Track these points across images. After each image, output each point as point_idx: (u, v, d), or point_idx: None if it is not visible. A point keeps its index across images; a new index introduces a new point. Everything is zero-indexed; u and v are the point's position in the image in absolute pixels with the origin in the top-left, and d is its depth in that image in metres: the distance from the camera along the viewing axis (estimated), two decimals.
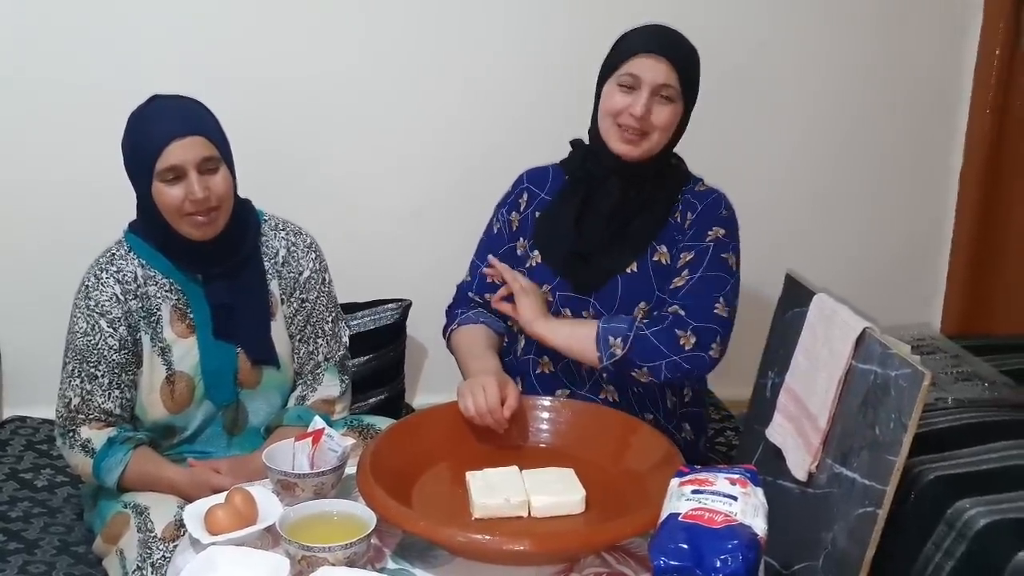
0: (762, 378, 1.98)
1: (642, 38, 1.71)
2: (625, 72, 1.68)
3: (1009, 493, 1.68)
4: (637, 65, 1.68)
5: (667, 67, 1.67)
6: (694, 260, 1.73)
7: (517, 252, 1.85)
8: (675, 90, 1.69)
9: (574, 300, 1.78)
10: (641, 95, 1.67)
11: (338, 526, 1.33)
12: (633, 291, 1.74)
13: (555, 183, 1.84)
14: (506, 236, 1.87)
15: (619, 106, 1.69)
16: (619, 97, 1.69)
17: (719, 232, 1.74)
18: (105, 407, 1.69)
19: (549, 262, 1.79)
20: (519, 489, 1.41)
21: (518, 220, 1.86)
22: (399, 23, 2.43)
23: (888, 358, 1.53)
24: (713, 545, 1.14)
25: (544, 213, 1.82)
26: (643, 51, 1.68)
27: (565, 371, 1.79)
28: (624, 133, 1.70)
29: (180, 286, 1.71)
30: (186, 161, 1.61)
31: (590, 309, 1.76)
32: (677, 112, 1.71)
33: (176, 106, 1.67)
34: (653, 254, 1.76)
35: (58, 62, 2.29)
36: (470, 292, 1.90)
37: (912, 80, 2.74)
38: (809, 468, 1.67)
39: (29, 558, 1.77)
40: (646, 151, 1.71)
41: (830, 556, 1.59)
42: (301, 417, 1.73)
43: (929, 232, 2.87)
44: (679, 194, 1.78)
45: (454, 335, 1.86)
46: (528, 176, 1.88)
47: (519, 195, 1.87)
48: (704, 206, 1.77)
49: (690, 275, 1.72)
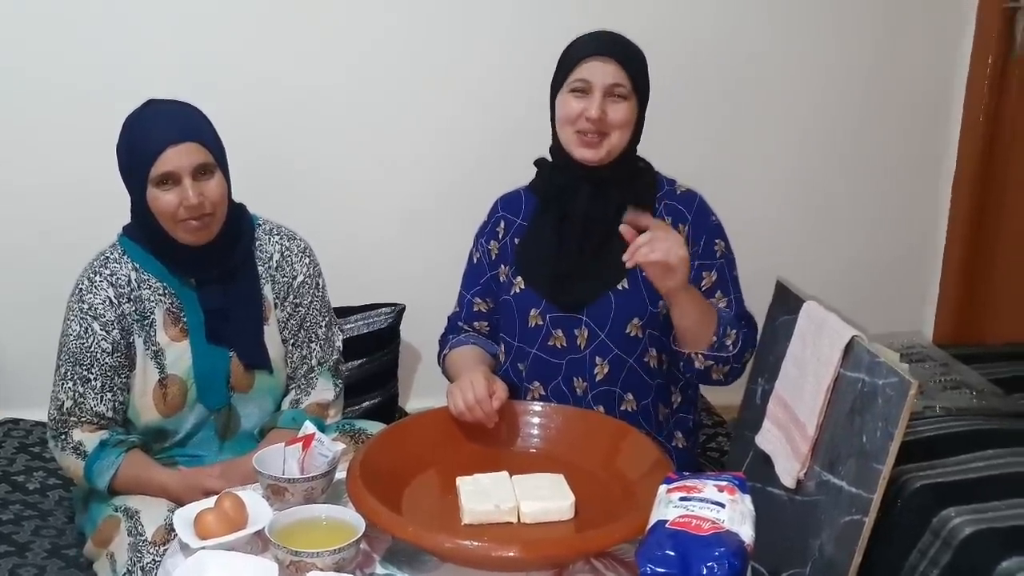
0: (752, 384, 1.98)
1: (588, 43, 1.73)
2: (575, 78, 1.70)
3: (994, 502, 1.69)
4: (586, 70, 1.69)
5: (615, 67, 1.68)
6: (719, 281, 1.76)
7: (500, 279, 1.85)
8: (626, 88, 1.70)
9: (565, 320, 1.76)
10: (594, 97, 1.68)
11: (327, 531, 1.34)
12: (626, 307, 1.74)
13: (528, 207, 1.84)
14: (487, 265, 1.87)
15: (575, 112, 1.70)
16: (574, 103, 1.70)
17: (721, 246, 1.78)
18: (97, 410, 1.69)
19: (533, 287, 1.79)
20: (509, 494, 1.42)
21: (497, 248, 1.86)
22: (394, 29, 2.44)
23: (876, 366, 1.54)
24: (700, 552, 1.14)
25: (523, 239, 1.82)
26: (590, 55, 1.69)
27: (556, 393, 1.79)
28: (583, 138, 1.71)
29: (174, 290, 1.72)
30: (180, 167, 1.62)
31: (583, 327, 1.76)
32: (632, 109, 1.71)
33: (171, 111, 1.67)
34: (641, 269, 1.73)
35: (55, 66, 2.30)
36: (460, 322, 1.91)
37: (905, 88, 2.75)
38: (797, 475, 1.67)
39: (20, 561, 1.77)
40: (608, 152, 1.71)
41: (817, 563, 1.59)
42: (295, 420, 1.74)
43: (921, 240, 2.89)
44: (655, 201, 1.78)
45: (447, 359, 1.88)
46: (502, 204, 1.89)
47: (495, 223, 1.87)
48: (693, 215, 1.77)
49: (725, 296, 1.76)
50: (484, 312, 1.89)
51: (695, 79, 2.57)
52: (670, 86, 2.54)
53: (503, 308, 1.84)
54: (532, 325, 1.79)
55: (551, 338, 1.78)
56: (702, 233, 1.77)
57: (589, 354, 1.76)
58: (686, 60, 2.52)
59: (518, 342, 1.81)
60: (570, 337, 1.76)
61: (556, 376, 1.78)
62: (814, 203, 2.78)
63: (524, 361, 1.81)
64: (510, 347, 1.83)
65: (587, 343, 1.76)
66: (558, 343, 1.77)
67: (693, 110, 2.59)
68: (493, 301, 1.88)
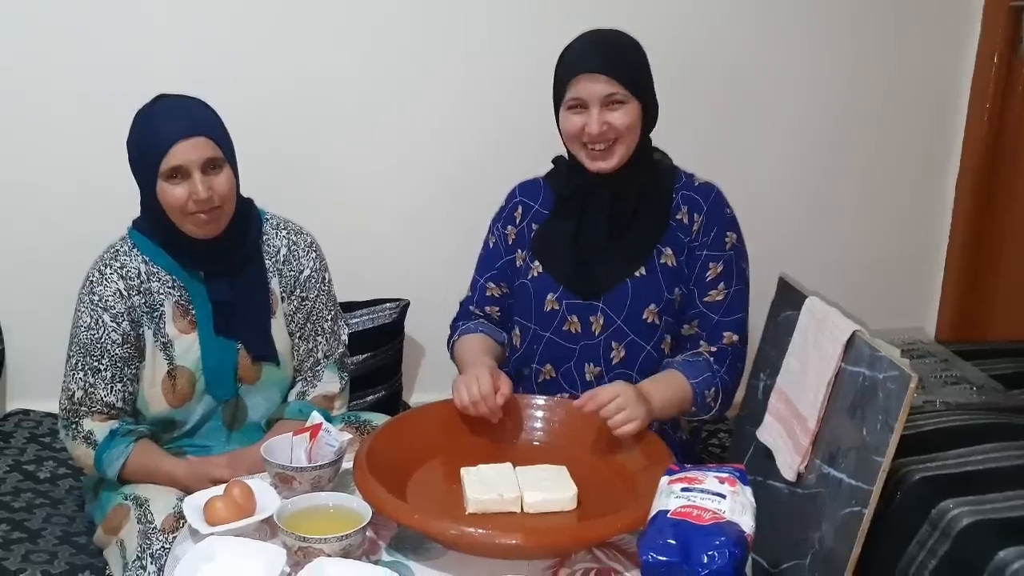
0: (754, 380, 2.00)
1: (575, 60, 1.72)
2: (570, 97, 1.71)
3: (991, 494, 1.71)
4: (578, 88, 1.69)
5: (605, 79, 1.68)
6: (724, 272, 1.77)
7: (517, 264, 1.86)
8: (622, 94, 1.69)
9: (581, 307, 1.78)
10: (592, 112, 1.69)
11: (334, 518, 1.36)
12: (643, 294, 1.76)
13: (547, 196, 1.86)
14: (503, 250, 1.89)
15: (577, 127, 1.71)
16: (574, 119, 1.71)
17: (732, 238, 1.79)
18: (107, 400, 1.71)
19: (551, 272, 1.81)
20: (512, 485, 1.44)
21: (514, 233, 1.87)
22: (400, 24, 2.45)
23: (877, 361, 1.56)
24: (701, 541, 1.16)
25: (541, 227, 1.84)
26: (579, 72, 1.69)
27: (567, 376, 1.81)
28: (591, 151, 1.72)
29: (183, 283, 1.74)
30: (190, 161, 1.64)
31: (598, 314, 1.77)
32: (634, 110, 1.71)
33: (181, 106, 1.69)
34: (660, 257, 1.76)
35: (62, 64, 2.30)
36: (471, 306, 1.92)
37: (910, 87, 2.75)
38: (798, 468, 1.69)
39: (32, 547, 1.79)
40: (620, 159, 1.72)
41: (817, 555, 1.61)
42: (302, 411, 1.76)
43: (925, 238, 2.89)
44: (673, 192, 1.79)
45: (456, 345, 1.89)
46: (521, 190, 1.90)
47: (513, 208, 1.89)
48: (709, 205, 1.79)
49: (726, 288, 1.76)
50: (497, 297, 1.90)
51: (699, 76, 2.57)
52: (675, 82, 2.56)
53: (519, 292, 1.85)
54: (548, 309, 1.80)
55: (566, 323, 1.79)
56: (714, 224, 1.78)
57: (604, 340, 1.77)
58: (690, 57, 2.53)
59: (534, 324, 1.82)
60: (585, 323, 1.78)
61: (569, 360, 1.80)
62: (818, 201, 2.79)
63: (538, 343, 1.82)
64: (525, 329, 1.84)
65: (602, 329, 1.77)
66: (573, 328, 1.79)
67: (698, 107, 2.59)
68: (507, 286, 1.89)
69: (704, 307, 1.76)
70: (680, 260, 1.77)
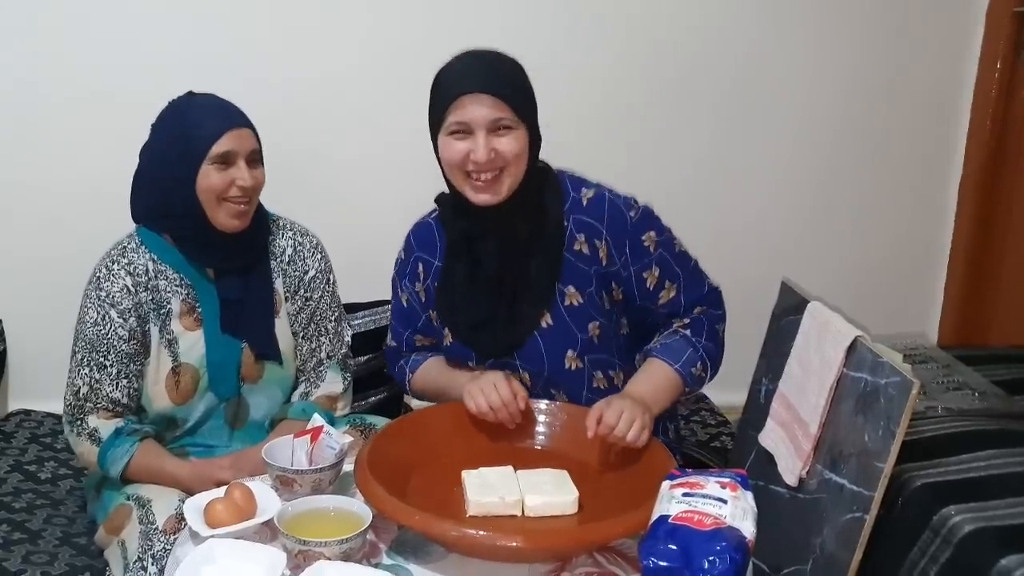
0: (756, 384, 2.00)
1: (457, 79, 1.56)
2: (452, 121, 1.54)
3: (993, 501, 1.70)
4: (461, 111, 1.53)
5: (492, 101, 1.52)
6: (663, 272, 1.67)
7: (434, 324, 1.76)
8: (511, 119, 1.54)
9: (502, 365, 1.68)
10: (478, 138, 1.53)
11: (335, 521, 1.36)
12: (556, 344, 1.66)
13: (441, 244, 1.72)
14: (418, 307, 1.77)
15: (460, 154, 1.55)
16: (457, 146, 1.55)
17: (651, 235, 1.66)
18: (113, 396, 1.72)
19: (460, 339, 1.71)
20: (514, 488, 1.44)
21: (423, 291, 1.76)
22: (404, 24, 2.46)
23: (879, 366, 1.56)
24: (701, 546, 1.16)
25: (439, 286, 1.72)
26: (462, 93, 1.53)
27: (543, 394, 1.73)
28: (477, 182, 1.56)
29: (190, 281, 1.75)
30: (241, 149, 1.68)
31: (521, 371, 1.68)
32: (523, 136, 1.56)
33: (222, 101, 1.73)
34: (563, 299, 1.65)
35: (67, 66, 2.32)
36: (402, 351, 1.84)
37: (913, 91, 2.76)
38: (800, 474, 1.69)
39: (32, 548, 1.80)
40: (509, 190, 1.57)
41: (819, 560, 1.61)
42: (305, 411, 1.77)
43: (927, 243, 2.89)
44: (564, 219, 1.64)
45: (415, 380, 1.81)
46: (416, 242, 1.76)
47: (415, 265, 1.76)
48: (607, 225, 1.64)
49: (673, 282, 1.68)
50: (428, 345, 1.81)
51: (701, 80, 2.58)
52: (676, 87, 2.57)
53: (446, 352, 1.76)
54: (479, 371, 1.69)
55: None
56: (624, 239, 1.64)
57: (541, 390, 1.71)
58: (692, 61, 2.53)
59: None
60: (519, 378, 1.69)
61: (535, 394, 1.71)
62: (820, 204, 2.79)
63: None
64: None
65: (533, 382, 1.70)
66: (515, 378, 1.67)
67: (699, 111, 2.60)
68: (436, 337, 1.79)
69: (662, 307, 1.70)
70: (589, 292, 1.65)
